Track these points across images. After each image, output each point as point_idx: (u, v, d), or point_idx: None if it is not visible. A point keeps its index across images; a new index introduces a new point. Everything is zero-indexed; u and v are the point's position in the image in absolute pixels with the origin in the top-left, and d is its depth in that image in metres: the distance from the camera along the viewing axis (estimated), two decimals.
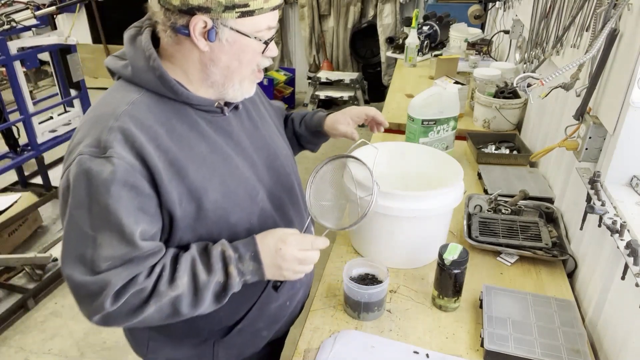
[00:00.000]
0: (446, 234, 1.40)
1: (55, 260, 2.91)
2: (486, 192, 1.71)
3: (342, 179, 1.18)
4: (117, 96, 0.93)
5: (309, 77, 5.05)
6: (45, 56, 3.45)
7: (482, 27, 3.77)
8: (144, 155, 0.87)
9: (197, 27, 0.87)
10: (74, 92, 3.51)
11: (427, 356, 1.08)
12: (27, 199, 3.13)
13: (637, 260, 0.95)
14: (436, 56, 3.11)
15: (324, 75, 4.93)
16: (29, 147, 3.25)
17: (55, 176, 3.68)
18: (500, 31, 2.99)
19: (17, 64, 3.04)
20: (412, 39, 3.20)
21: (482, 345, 1.08)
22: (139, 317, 0.89)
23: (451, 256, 1.15)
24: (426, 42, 3.39)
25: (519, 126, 2.22)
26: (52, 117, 3.43)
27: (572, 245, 1.40)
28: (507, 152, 1.99)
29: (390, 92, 2.82)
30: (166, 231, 0.95)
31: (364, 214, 1.02)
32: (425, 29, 3.39)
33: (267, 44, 0.94)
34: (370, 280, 1.22)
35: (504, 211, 1.54)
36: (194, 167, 0.93)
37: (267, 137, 1.13)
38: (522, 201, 1.58)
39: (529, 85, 1.22)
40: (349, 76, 4.93)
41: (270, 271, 0.97)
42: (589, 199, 1.20)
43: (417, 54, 3.25)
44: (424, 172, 1.47)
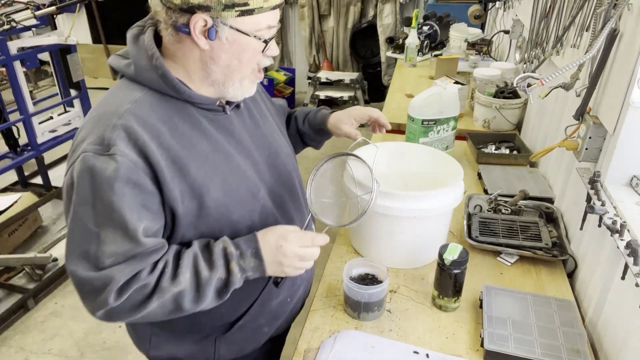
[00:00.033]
0: (446, 234, 1.40)
1: (55, 260, 2.91)
2: (486, 192, 1.71)
3: (342, 178, 1.18)
4: (121, 94, 0.94)
5: (309, 77, 5.05)
6: (45, 56, 3.44)
7: (482, 27, 3.77)
8: (147, 153, 0.88)
9: (198, 26, 0.88)
10: (74, 92, 3.50)
11: (427, 356, 1.08)
12: (27, 199, 3.13)
13: (637, 260, 0.95)
14: (436, 56, 3.11)
15: (324, 75, 4.93)
16: (29, 147, 3.24)
17: (55, 176, 3.68)
18: (500, 31, 2.99)
19: (17, 64, 3.04)
20: (412, 39, 3.21)
21: (482, 345, 1.08)
22: (142, 313, 0.91)
23: (451, 256, 1.15)
24: (426, 42, 3.39)
25: (519, 126, 2.22)
26: (52, 117, 3.43)
27: (572, 245, 1.40)
28: (507, 152, 1.99)
29: (390, 92, 2.82)
30: (168, 228, 0.96)
31: (363, 211, 1.03)
32: (425, 29, 3.39)
33: (266, 42, 0.94)
34: (370, 280, 1.22)
35: (504, 211, 1.54)
36: (195, 165, 0.94)
37: (269, 135, 1.14)
38: (522, 201, 1.58)
39: (529, 85, 1.22)
40: (349, 76, 4.93)
41: (271, 267, 0.98)
42: (589, 199, 1.20)
43: (417, 54, 3.25)
44: (424, 172, 1.47)
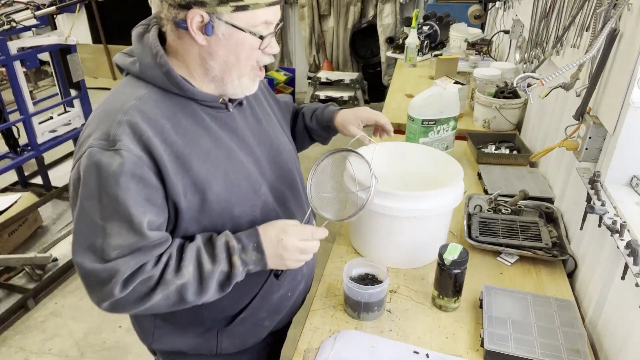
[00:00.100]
0: (446, 234, 1.40)
1: (55, 260, 2.91)
2: (486, 192, 1.71)
3: (342, 176, 1.19)
4: (126, 91, 0.96)
5: (309, 77, 5.04)
6: (45, 56, 3.44)
7: (482, 27, 3.77)
8: (151, 148, 0.90)
9: (195, 21, 0.90)
10: (74, 92, 3.51)
11: (427, 356, 1.08)
12: (27, 199, 3.13)
13: (637, 260, 0.95)
14: (436, 56, 3.11)
15: (324, 75, 4.93)
16: (29, 147, 3.24)
17: (55, 176, 3.68)
18: (500, 31, 2.99)
19: (17, 64, 3.04)
20: (412, 39, 3.20)
21: (482, 345, 1.08)
22: (146, 305, 0.92)
23: (451, 256, 1.15)
24: (426, 42, 3.39)
25: (519, 126, 2.22)
26: (52, 117, 3.43)
27: (572, 245, 1.40)
28: (507, 152, 1.99)
29: (390, 92, 2.82)
30: (172, 222, 0.98)
31: (362, 206, 1.04)
32: (425, 29, 3.38)
33: (262, 38, 0.94)
34: (370, 280, 1.22)
35: (504, 211, 1.54)
36: (198, 160, 0.96)
37: (271, 133, 1.15)
38: (522, 201, 1.58)
39: (529, 85, 1.22)
40: (349, 76, 4.92)
41: (272, 261, 0.99)
42: (589, 199, 1.20)
43: (417, 54, 3.25)
44: (424, 172, 1.47)
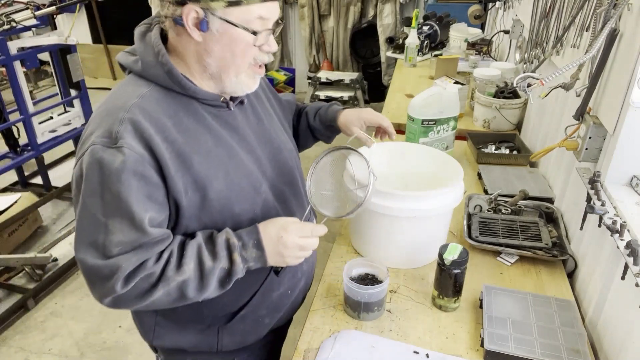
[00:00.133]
0: (446, 234, 1.40)
1: (55, 260, 2.91)
2: (486, 192, 1.71)
3: (342, 175, 1.19)
4: (128, 90, 0.96)
5: (309, 77, 5.04)
6: (45, 56, 3.44)
7: (482, 27, 3.77)
8: (152, 145, 0.90)
9: (190, 17, 0.90)
10: (74, 92, 3.50)
11: (427, 356, 1.08)
12: (27, 199, 3.13)
13: (637, 260, 0.95)
14: (436, 56, 3.11)
15: (324, 75, 4.92)
16: (29, 147, 3.24)
17: (55, 176, 3.68)
18: (500, 31, 2.99)
19: (17, 64, 3.04)
20: (412, 39, 3.20)
21: (482, 345, 1.08)
22: (147, 301, 0.93)
23: (451, 256, 1.15)
24: (426, 42, 3.39)
25: (519, 126, 2.22)
26: (52, 117, 3.43)
27: (572, 245, 1.40)
28: (507, 152, 1.99)
29: (390, 92, 2.82)
30: (172, 219, 0.98)
31: (360, 203, 1.04)
32: (425, 29, 3.38)
33: (255, 34, 0.93)
34: (370, 280, 1.22)
35: (504, 211, 1.54)
36: (199, 158, 0.96)
37: (272, 131, 1.16)
38: (522, 201, 1.58)
39: (529, 85, 1.22)
40: (349, 76, 4.92)
41: (272, 258, 1.00)
42: (589, 199, 1.20)
43: (417, 54, 3.25)
44: (424, 172, 1.47)
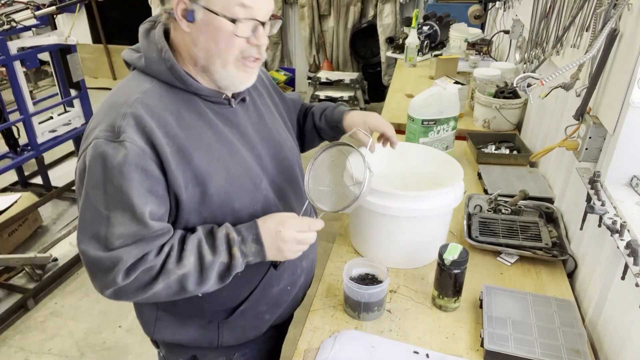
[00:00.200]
0: (446, 234, 1.40)
1: (55, 260, 2.91)
2: (486, 192, 1.71)
3: (339, 171, 1.20)
4: (131, 85, 0.98)
5: (309, 77, 5.04)
6: (45, 56, 3.44)
7: (482, 27, 3.77)
8: (154, 140, 0.92)
9: (179, 8, 0.92)
10: (74, 92, 3.50)
11: (427, 356, 1.08)
12: (27, 199, 3.13)
13: (637, 260, 0.95)
14: (436, 56, 3.11)
15: (324, 75, 4.92)
16: (29, 147, 3.24)
17: (55, 176, 3.68)
18: (500, 31, 2.99)
19: (17, 64, 3.04)
20: (412, 39, 3.20)
21: (482, 345, 1.08)
22: (148, 293, 0.95)
23: (451, 256, 1.15)
24: (426, 42, 3.39)
25: (519, 126, 2.22)
26: (52, 117, 3.43)
27: (572, 245, 1.40)
28: (507, 152, 1.99)
29: (390, 92, 2.82)
30: (173, 213, 1.00)
31: (356, 197, 1.05)
32: (425, 29, 3.38)
33: (234, 22, 0.92)
34: (370, 280, 1.22)
35: (504, 211, 1.54)
36: (200, 154, 0.97)
37: (273, 129, 1.17)
38: (522, 201, 1.58)
39: (529, 85, 1.22)
40: (349, 76, 4.92)
41: (271, 252, 1.01)
42: (589, 199, 1.20)
43: (417, 54, 3.25)
44: (424, 172, 1.47)
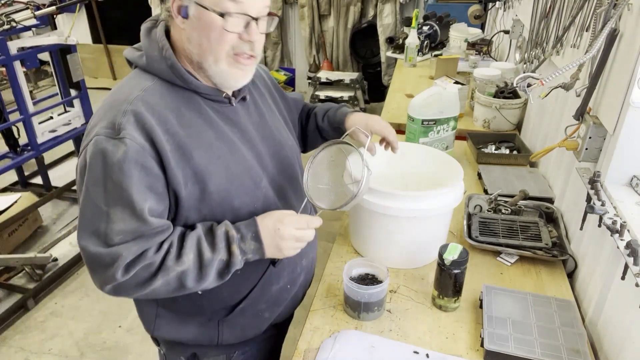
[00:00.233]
0: (446, 234, 1.40)
1: (55, 260, 2.91)
2: (486, 192, 1.71)
3: (338, 169, 1.20)
4: (132, 83, 0.99)
5: (309, 77, 5.04)
6: (45, 56, 3.44)
7: (482, 27, 3.77)
8: (154, 137, 0.92)
9: (175, 5, 0.93)
10: (74, 92, 3.50)
11: (427, 356, 1.08)
12: (27, 199, 3.13)
13: (637, 260, 0.95)
14: (436, 56, 3.11)
15: (324, 75, 4.92)
16: (29, 147, 3.24)
17: (55, 176, 3.68)
18: (500, 31, 2.99)
19: (17, 64, 3.03)
20: (412, 39, 3.20)
21: (482, 345, 1.08)
22: (147, 289, 0.95)
23: (451, 256, 1.15)
24: (426, 42, 3.39)
25: (519, 126, 2.22)
26: (52, 117, 3.42)
27: (572, 245, 1.40)
28: (507, 152, 1.99)
29: (390, 92, 2.82)
30: (172, 210, 1.00)
31: (354, 195, 1.05)
32: (425, 29, 3.38)
33: (222, 16, 0.91)
34: (370, 280, 1.22)
35: (504, 211, 1.54)
36: (199, 151, 0.98)
37: (273, 128, 1.17)
38: (522, 201, 1.58)
39: (529, 85, 1.22)
40: (349, 76, 4.92)
41: (270, 250, 1.02)
42: (589, 199, 1.20)
43: (417, 54, 3.25)
44: (424, 172, 1.47)
